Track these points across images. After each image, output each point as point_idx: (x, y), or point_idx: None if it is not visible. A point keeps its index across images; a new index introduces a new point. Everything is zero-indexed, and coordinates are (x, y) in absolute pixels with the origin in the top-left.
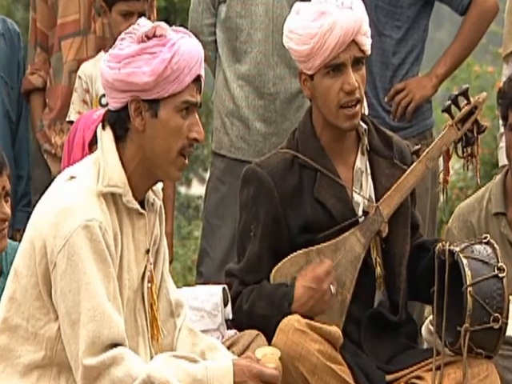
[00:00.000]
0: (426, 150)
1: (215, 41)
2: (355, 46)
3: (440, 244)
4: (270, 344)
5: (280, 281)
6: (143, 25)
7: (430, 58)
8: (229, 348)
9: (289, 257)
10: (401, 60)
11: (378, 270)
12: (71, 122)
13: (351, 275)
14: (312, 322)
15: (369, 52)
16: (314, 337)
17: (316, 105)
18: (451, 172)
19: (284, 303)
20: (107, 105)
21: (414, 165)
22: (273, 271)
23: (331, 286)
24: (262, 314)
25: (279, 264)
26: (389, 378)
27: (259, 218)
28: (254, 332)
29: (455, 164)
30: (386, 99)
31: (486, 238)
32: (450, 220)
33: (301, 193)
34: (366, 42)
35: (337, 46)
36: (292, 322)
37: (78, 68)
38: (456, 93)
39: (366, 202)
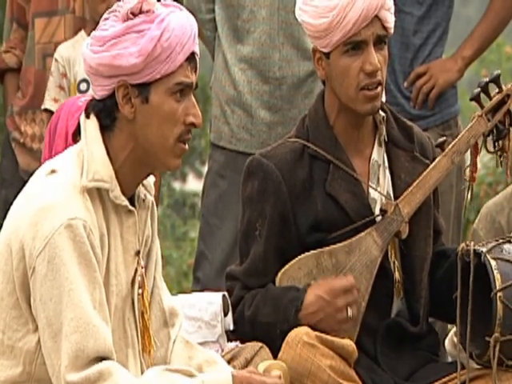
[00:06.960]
0: (452, 144)
1: (214, 19)
2: (378, 22)
3: (463, 244)
4: (275, 359)
5: (287, 285)
6: (128, 1)
7: (455, 38)
8: (229, 362)
9: (297, 258)
10: (422, 40)
11: (397, 274)
12: (48, 111)
13: (366, 281)
14: (323, 335)
15: (392, 31)
16: (324, 351)
17: (330, 88)
18: (479, 165)
19: (291, 309)
20: (86, 91)
21: (438, 159)
22: (279, 274)
23: (348, 308)
24: (267, 321)
25: (286, 266)
26: None
27: (265, 215)
28: (258, 344)
29: (484, 157)
30: (405, 84)
31: None
32: (476, 220)
33: (311, 187)
34: (390, 19)
35: (358, 21)
36: (300, 335)
37: (54, 52)
38: (486, 79)
39: (383, 198)
